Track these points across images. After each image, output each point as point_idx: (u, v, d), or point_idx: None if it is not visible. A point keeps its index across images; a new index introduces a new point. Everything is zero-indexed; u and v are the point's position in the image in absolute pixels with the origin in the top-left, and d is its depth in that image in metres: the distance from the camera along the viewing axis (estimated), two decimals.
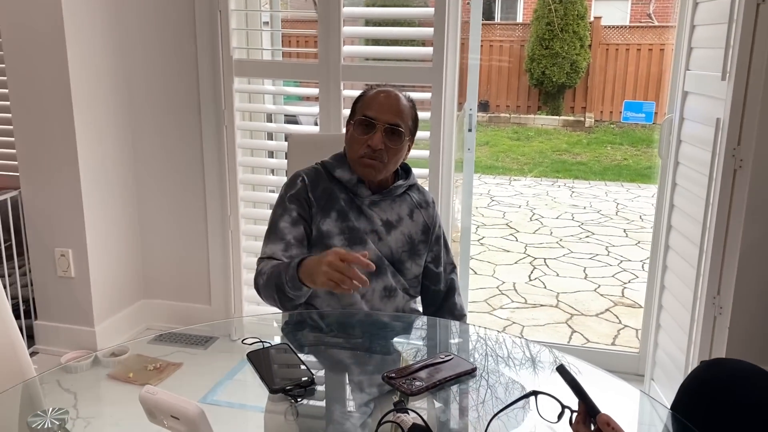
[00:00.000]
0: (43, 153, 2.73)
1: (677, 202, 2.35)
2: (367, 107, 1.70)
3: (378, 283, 1.72)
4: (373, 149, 1.67)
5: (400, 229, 1.76)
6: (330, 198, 1.73)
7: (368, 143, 1.68)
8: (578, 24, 10.48)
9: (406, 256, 1.77)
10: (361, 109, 1.72)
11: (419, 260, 1.80)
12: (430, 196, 1.87)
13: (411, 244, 1.77)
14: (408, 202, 1.80)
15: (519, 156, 8.93)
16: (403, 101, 1.73)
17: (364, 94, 1.76)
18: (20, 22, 2.61)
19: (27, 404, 1.32)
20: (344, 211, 1.72)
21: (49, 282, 2.87)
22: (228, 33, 2.73)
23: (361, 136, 1.69)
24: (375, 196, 1.75)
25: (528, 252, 5.11)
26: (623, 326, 3.73)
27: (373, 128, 1.68)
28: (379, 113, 1.68)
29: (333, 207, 1.72)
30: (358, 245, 1.70)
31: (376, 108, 1.69)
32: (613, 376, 1.36)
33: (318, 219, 1.71)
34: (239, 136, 2.86)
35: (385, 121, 1.68)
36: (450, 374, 1.27)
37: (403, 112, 1.71)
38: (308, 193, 1.73)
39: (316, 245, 1.71)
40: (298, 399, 1.22)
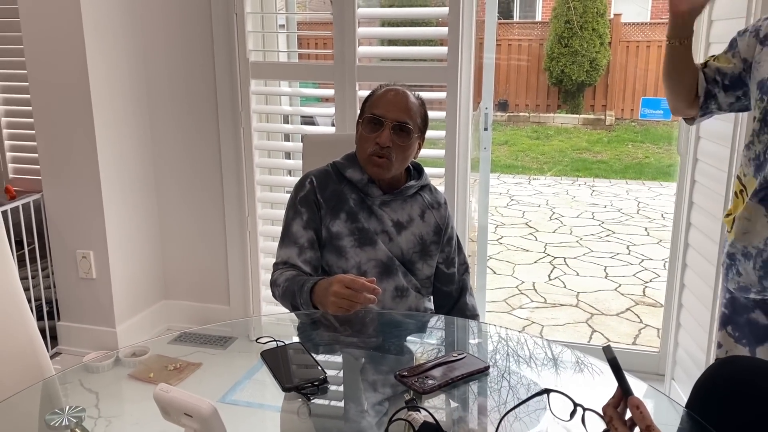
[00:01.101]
0: (65, 156, 2.77)
1: (696, 199, 2.32)
2: (375, 106, 1.71)
3: (389, 284, 1.72)
4: (381, 147, 1.68)
5: (411, 229, 1.76)
6: (339, 199, 1.73)
7: (376, 141, 1.68)
8: (598, 21, 10.38)
9: (417, 257, 1.76)
10: (369, 108, 1.73)
11: (431, 261, 1.79)
12: (443, 197, 1.86)
13: (422, 244, 1.77)
14: (419, 203, 1.79)
15: (538, 155, 8.87)
16: (411, 99, 1.73)
17: (372, 94, 1.76)
18: (41, 28, 2.66)
19: (46, 403, 1.34)
20: (354, 212, 1.72)
21: (71, 283, 2.91)
22: (244, 36, 2.76)
23: (369, 134, 1.70)
24: (386, 196, 1.75)
25: (548, 251, 5.08)
26: (644, 326, 3.69)
27: (381, 126, 1.68)
28: (387, 111, 1.69)
29: (342, 208, 1.72)
30: (368, 246, 1.70)
31: (384, 106, 1.70)
32: (633, 377, 1.35)
33: (327, 220, 1.71)
34: (256, 138, 2.88)
35: (393, 118, 1.68)
36: (463, 372, 1.27)
37: (411, 109, 1.71)
38: (317, 195, 1.74)
39: (326, 246, 1.72)
40: (311, 397, 1.23)
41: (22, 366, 1.40)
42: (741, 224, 1.49)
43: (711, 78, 1.59)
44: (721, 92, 1.59)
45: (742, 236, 1.50)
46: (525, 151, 9.08)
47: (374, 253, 1.71)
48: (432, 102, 2.84)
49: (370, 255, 1.71)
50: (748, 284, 1.50)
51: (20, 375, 1.38)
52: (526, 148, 9.24)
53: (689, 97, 1.61)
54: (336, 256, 1.71)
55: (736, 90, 1.58)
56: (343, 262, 1.70)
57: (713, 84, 1.60)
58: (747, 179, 1.53)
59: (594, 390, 1.34)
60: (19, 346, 1.40)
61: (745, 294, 1.51)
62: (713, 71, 1.58)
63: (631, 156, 8.79)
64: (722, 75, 1.58)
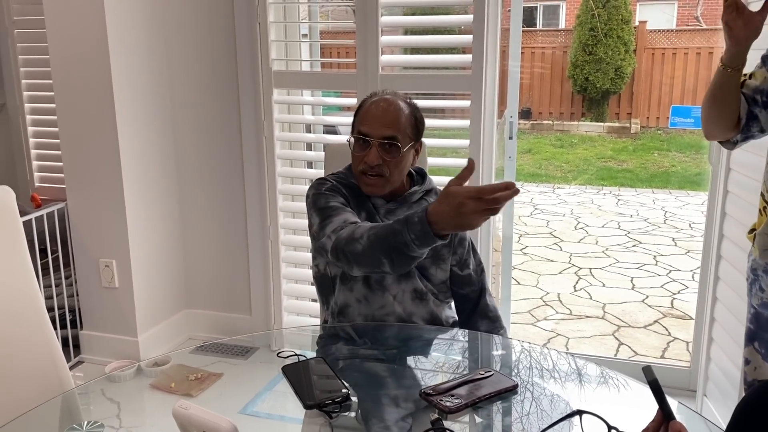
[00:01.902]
0: (89, 166, 2.79)
1: (729, 210, 2.26)
2: (362, 122, 1.66)
3: (408, 285, 1.69)
4: (371, 166, 1.64)
5: None
6: (359, 199, 1.71)
7: (365, 160, 1.64)
8: (623, 29, 10.28)
9: (429, 262, 1.72)
10: (357, 124, 1.68)
11: (444, 265, 1.75)
12: None
13: (433, 249, 1.73)
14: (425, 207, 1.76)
15: (562, 163, 8.78)
16: (398, 108, 1.66)
17: (361, 106, 1.70)
18: (66, 40, 2.68)
19: (66, 416, 1.33)
20: (372, 212, 1.70)
21: (94, 292, 2.92)
22: (267, 45, 2.75)
23: (358, 153, 1.65)
24: (390, 204, 1.71)
25: (573, 261, 5.00)
26: (673, 339, 3.60)
27: (368, 144, 1.64)
28: (373, 128, 1.64)
29: (363, 207, 1.70)
30: None
31: (370, 122, 1.64)
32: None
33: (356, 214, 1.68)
34: (278, 147, 2.87)
35: (379, 135, 1.63)
36: (490, 391, 1.23)
37: (398, 121, 1.65)
38: (342, 190, 1.71)
39: None
40: (333, 415, 1.20)
41: (41, 378, 1.39)
42: (762, 240, 1.46)
43: (750, 98, 1.55)
44: (762, 111, 1.54)
45: (763, 252, 1.46)
46: (549, 159, 8.99)
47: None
48: (455, 110, 2.81)
49: None
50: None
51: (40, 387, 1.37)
52: (549, 156, 9.15)
53: (731, 122, 1.56)
54: None
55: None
56: None
57: (753, 104, 1.55)
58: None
59: (626, 409, 1.29)
60: (39, 358, 1.39)
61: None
62: (752, 90, 1.53)
63: (657, 164, 8.66)
64: (761, 92, 1.53)
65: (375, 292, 1.67)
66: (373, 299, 1.67)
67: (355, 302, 1.69)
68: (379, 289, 1.67)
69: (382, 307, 1.67)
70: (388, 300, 1.67)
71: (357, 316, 1.69)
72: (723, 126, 1.58)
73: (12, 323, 1.36)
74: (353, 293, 1.68)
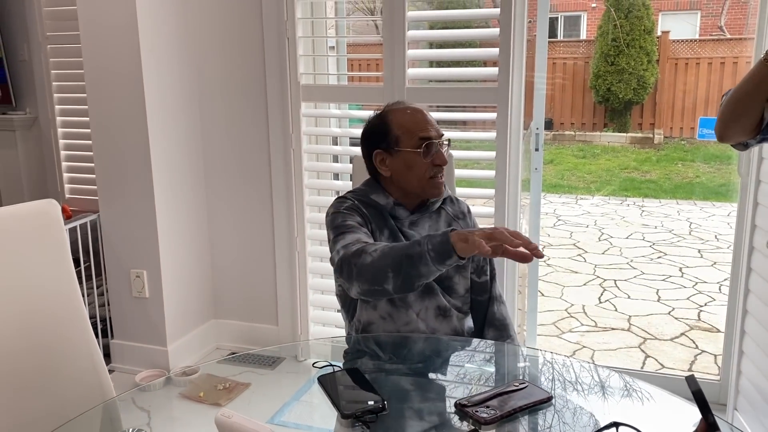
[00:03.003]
0: (121, 178, 2.84)
1: (759, 222, 2.24)
2: (418, 129, 1.69)
3: (431, 303, 1.70)
4: (441, 166, 1.69)
5: None
6: (381, 216, 1.72)
7: (435, 162, 1.68)
8: (645, 39, 10.23)
9: (453, 270, 1.73)
10: (407, 134, 1.68)
11: (465, 273, 1.77)
12: (465, 206, 1.85)
13: None
14: (444, 217, 1.78)
15: (585, 174, 8.73)
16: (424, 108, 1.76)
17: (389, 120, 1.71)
18: (101, 56, 2.74)
19: (107, 424, 1.36)
20: (394, 230, 1.71)
21: (125, 302, 2.97)
22: (296, 59, 2.79)
23: (425, 159, 1.68)
24: (413, 216, 1.73)
25: (597, 273, 4.97)
26: (700, 351, 3.56)
27: (433, 147, 1.68)
28: (431, 131, 1.69)
29: (385, 225, 1.71)
30: None
31: (424, 127, 1.69)
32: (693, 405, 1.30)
33: (377, 235, 1.69)
34: (306, 159, 2.91)
35: (438, 135, 1.70)
36: (525, 403, 1.24)
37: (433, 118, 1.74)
38: (361, 209, 1.72)
39: None
40: (369, 426, 1.21)
41: (84, 385, 1.43)
42: None
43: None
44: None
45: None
46: (571, 170, 8.95)
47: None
48: (477, 122, 2.83)
49: None
50: None
51: (82, 393, 1.41)
52: (572, 167, 9.11)
53: (754, 122, 1.55)
54: None
55: None
56: None
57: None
58: None
59: (661, 421, 1.29)
60: (81, 365, 1.43)
61: None
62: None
63: (681, 175, 8.58)
64: None
65: (399, 310, 1.68)
66: (398, 316, 1.68)
67: (379, 319, 1.70)
68: (403, 306, 1.68)
69: (406, 324, 1.69)
70: (412, 317, 1.68)
71: (381, 334, 1.70)
72: (743, 126, 1.55)
73: (58, 331, 1.40)
74: (377, 311, 1.70)
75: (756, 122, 1.53)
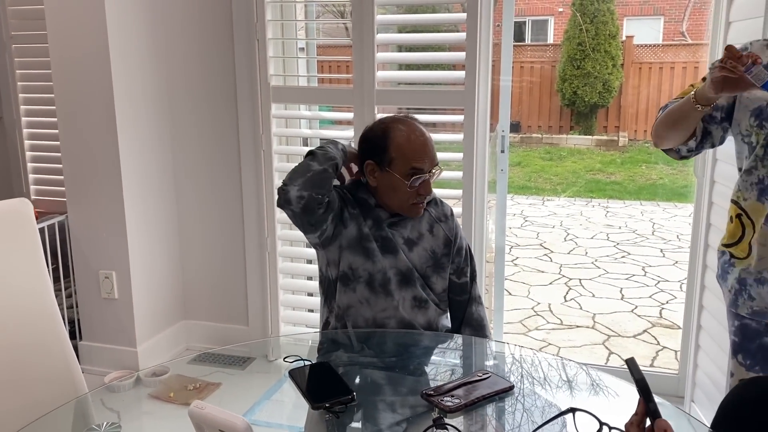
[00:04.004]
0: (90, 179, 2.83)
1: (714, 221, 2.33)
2: (413, 158, 1.70)
3: (408, 293, 1.75)
4: (425, 195, 1.73)
5: (422, 245, 1.78)
6: (366, 208, 1.76)
7: (420, 192, 1.71)
8: (610, 43, 10.44)
9: (431, 270, 1.79)
10: (403, 160, 1.70)
11: (444, 273, 1.82)
12: (449, 209, 1.89)
13: (434, 258, 1.79)
14: (427, 218, 1.82)
15: (552, 176, 8.88)
16: (428, 134, 1.76)
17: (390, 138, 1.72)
18: (68, 56, 2.73)
19: (80, 420, 1.37)
20: (378, 220, 1.76)
21: (94, 303, 2.95)
22: (266, 61, 2.82)
23: (411, 189, 1.70)
24: (394, 217, 1.77)
25: (563, 272, 5.08)
26: (662, 347, 3.67)
27: (420, 179, 1.70)
28: (425, 163, 1.71)
29: (370, 215, 1.76)
30: (390, 254, 1.73)
31: (420, 157, 1.70)
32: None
33: (360, 220, 1.73)
34: (276, 161, 2.93)
35: (432, 166, 1.73)
36: (488, 392, 1.29)
37: (433, 144, 1.75)
38: (350, 196, 1.77)
39: (354, 247, 1.72)
40: (338, 416, 1.25)
41: (57, 383, 1.43)
42: (759, 250, 1.51)
43: (708, 115, 1.61)
44: (717, 128, 1.61)
45: (758, 262, 1.51)
46: (538, 172, 9.09)
47: (396, 261, 1.73)
48: (446, 124, 2.88)
49: (393, 263, 1.73)
50: (763, 308, 1.51)
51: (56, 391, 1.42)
52: (539, 169, 9.25)
53: (685, 138, 1.64)
54: (363, 257, 1.72)
55: (726, 122, 1.60)
56: (370, 264, 1.72)
57: (710, 121, 1.61)
58: (748, 203, 1.55)
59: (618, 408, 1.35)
60: (54, 363, 1.44)
61: (761, 318, 1.52)
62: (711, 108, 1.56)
63: (645, 177, 8.78)
64: (719, 109, 1.59)
65: (378, 295, 1.73)
66: (375, 302, 1.73)
67: (357, 303, 1.74)
68: (382, 292, 1.73)
69: (383, 310, 1.73)
70: (390, 304, 1.73)
71: (359, 318, 1.74)
72: (674, 142, 1.66)
73: (31, 329, 1.41)
74: (356, 294, 1.74)
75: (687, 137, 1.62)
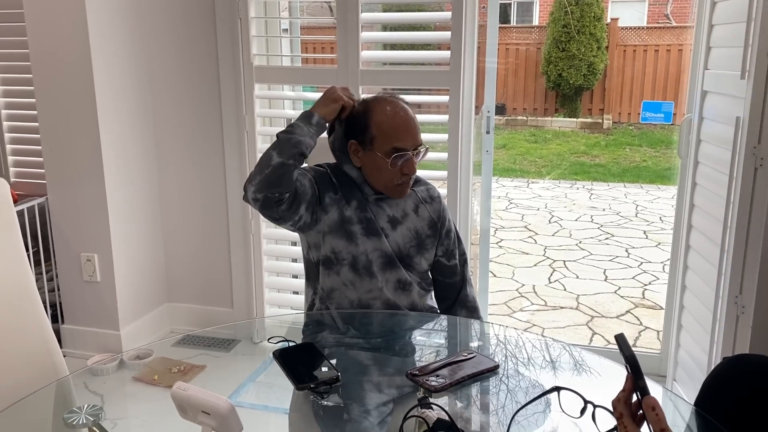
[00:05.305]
0: (69, 160, 2.79)
1: (697, 201, 2.35)
2: (394, 137, 1.66)
3: (392, 275, 1.74)
4: (410, 175, 1.70)
5: (406, 224, 1.77)
6: (351, 187, 1.74)
7: (404, 172, 1.68)
8: (595, 26, 10.43)
9: (414, 251, 1.78)
10: (385, 139, 1.67)
11: (427, 254, 1.81)
12: (436, 192, 1.87)
13: (418, 239, 1.78)
14: (413, 198, 1.80)
15: (537, 159, 8.91)
16: (412, 112, 1.72)
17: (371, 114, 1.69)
18: (46, 33, 2.67)
19: (61, 402, 1.36)
20: (362, 202, 1.74)
21: (76, 286, 2.92)
22: (248, 40, 2.78)
23: (394, 167, 1.67)
24: (378, 194, 1.76)
25: (547, 254, 5.10)
26: (644, 328, 3.71)
27: (402, 158, 1.67)
28: (408, 142, 1.67)
29: (354, 196, 1.74)
30: (374, 236, 1.72)
31: (403, 136, 1.67)
32: None
33: (341, 204, 1.72)
34: (260, 141, 2.90)
35: (414, 145, 1.69)
36: (473, 371, 1.29)
37: (417, 123, 1.71)
38: (332, 179, 1.74)
39: (336, 231, 1.71)
40: (324, 396, 1.25)
41: (37, 365, 1.42)
42: None
43: None
44: None
45: None
46: (523, 154, 9.11)
47: (379, 243, 1.72)
48: (432, 105, 2.87)
49: (376, 245, 1.72)
50: None
51: (36, 374, 1.40)
52: (524, 151, 9.27)
53: None
54: (346, 240, 1.71)
55: None
56: (353, 247, 1.71)
57: None
58: None
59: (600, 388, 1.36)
60: (34, 346, 1.42)
61: None
62: None
63: (629, 159, 8.82)
64: None
65: (362, 278, 1.72)
66: (360, 284, 1.72)
67: (342, 286, 1.73)
68: (366, 275, 1.72)
69: (368, 292, 1.72)
70: (375, 286, 1.72)
71: (344, 300, 1.74)
72: None
73: (8, 312, 1.38)
74: (340, 277, 1.73)
75: None
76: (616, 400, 0.89)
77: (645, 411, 0.84)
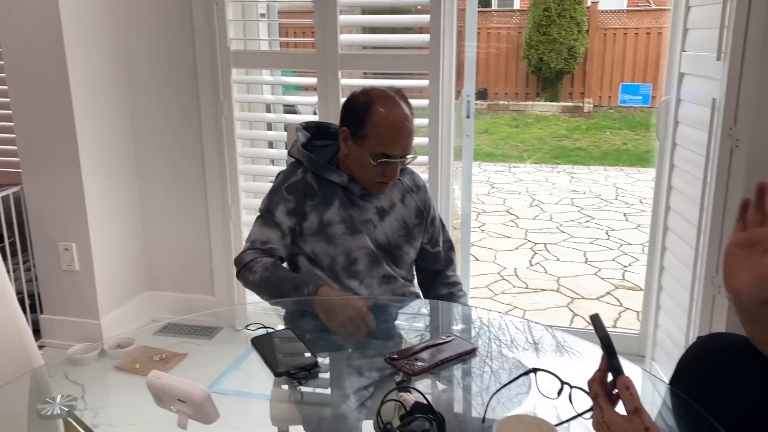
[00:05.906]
0: (44, 148, 2.74)
1: (675, 183, 2.37)
2: (386, 143, 1.64)
3: (377, 271, 1.75)
4: (391, 179, 1.69)
5: (394, 214, 1.77)
6: (332, 190, 1.73)
7: (386, 174, 1.67)
8: (575, 9, 10.44)
9: (403, 240, 1.78)
10: (375, 140, 1.64)
11: (415, 243, 1.82)
12: (421, 180, 1.87)
13: (406, 228, 1.79)
14: (399, 188, 1.81)
15: (518, 143, 8.93)
16: (411, 119, 1.68)
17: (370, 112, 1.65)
18: (18, 21, 2.62)
19: (36, 393, 1.34)
20: (345, 201, 1.73)
21: (54, 276, 2.89)
22: (225, 24, 2.74)
23: (377, 168, 1.65)
24: (365, 190, 1.75)
25: (528, 238, 5.13)
26: (624, 309, 3.75)
27: (387, 164, 1.65)
28: (398, 150, 1.65)
29: (336, 195, 1.73)
30: (359, 233, 1.72)
31: (394, 144, 1.64)
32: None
33: (321, 208, 1.71)
34: (238, 127, 2.87)
35: (403, 154, 1.67)
36: (451, 354, 1.29)
37: (412, 130, 1.68)
38: (312, 184, 1.73)
39: (316, 234, 1.72)
40: (302, 382, 1.25)
41: (10, 357, 1.40)
42: None
43: None
44: None
45: None
46: (505, 139, 9.13)
47: (365, 240, 1.72)
48: (413, 90, 2.86)
49: (361, 243, 1.72)
50: None
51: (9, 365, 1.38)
52: (506, 136, 9.29)
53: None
54: (325, 243, 1.71)
55: None
56: (332, 248, 1.71)
57: None
58: None
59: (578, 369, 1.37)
60: (6, 337, 1.40)
61: None
62: None
63: (610, 143, 8.88)
64: None
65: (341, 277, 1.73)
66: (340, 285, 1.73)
67: (327, 278, 1.73)
68: (345, 274, 1.73)
69: (350, 290, 1.73)
70: (356, 285, 1.73)
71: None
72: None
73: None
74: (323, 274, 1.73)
75: None
76: (591, 380, 0.90)
77: (619, 390, 0.85)
